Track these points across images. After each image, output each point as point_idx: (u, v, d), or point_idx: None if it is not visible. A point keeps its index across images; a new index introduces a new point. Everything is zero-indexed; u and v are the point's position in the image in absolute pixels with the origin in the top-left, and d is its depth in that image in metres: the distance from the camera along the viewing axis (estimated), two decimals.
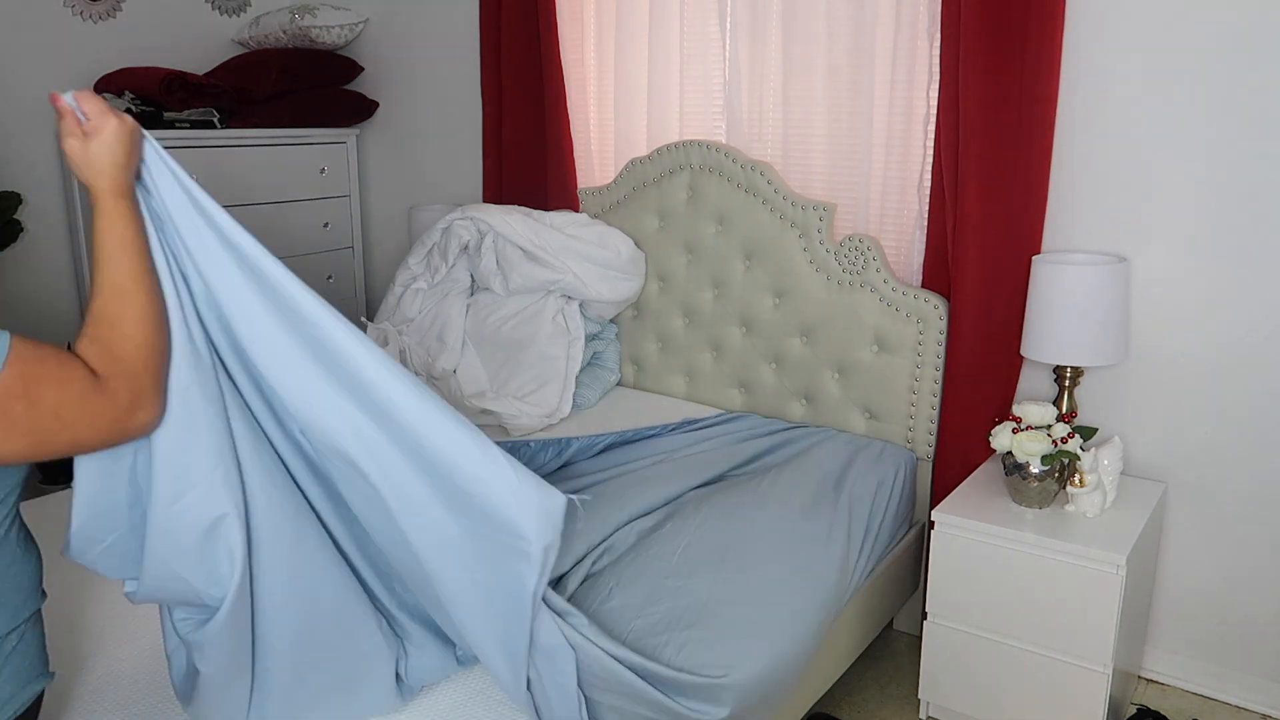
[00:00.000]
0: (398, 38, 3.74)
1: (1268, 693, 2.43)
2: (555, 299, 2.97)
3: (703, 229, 2.93)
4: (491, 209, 3.01)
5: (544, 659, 1.46)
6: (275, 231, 3.53)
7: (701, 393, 3.01)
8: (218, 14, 3.70)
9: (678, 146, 2.95)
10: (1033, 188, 2.40)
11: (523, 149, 3.31)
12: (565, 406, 2.86)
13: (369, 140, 3.92)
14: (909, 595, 2.70)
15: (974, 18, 2.35)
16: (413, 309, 3.03)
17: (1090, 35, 2.35)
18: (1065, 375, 2.40)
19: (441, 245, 3.03)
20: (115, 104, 3.15)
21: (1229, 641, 2.47)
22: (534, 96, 3.23)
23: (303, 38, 3.57)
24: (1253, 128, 2.22)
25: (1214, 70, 2.23)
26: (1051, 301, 2.27)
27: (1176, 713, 2.43)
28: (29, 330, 1.16)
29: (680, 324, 3.04)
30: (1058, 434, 2.24)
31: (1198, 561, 2.47)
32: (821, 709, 2.41)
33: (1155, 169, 2.35)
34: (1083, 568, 2.11)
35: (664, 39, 3.02)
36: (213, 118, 3.33)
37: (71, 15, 3.29)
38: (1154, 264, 2.38)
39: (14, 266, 3.25)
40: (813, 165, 2.84)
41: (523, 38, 3.20)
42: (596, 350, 3.10)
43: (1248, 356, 2.31)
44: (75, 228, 3.34)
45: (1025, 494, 2.27)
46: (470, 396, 2.85)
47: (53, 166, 3.32)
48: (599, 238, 2.98)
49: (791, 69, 2.81)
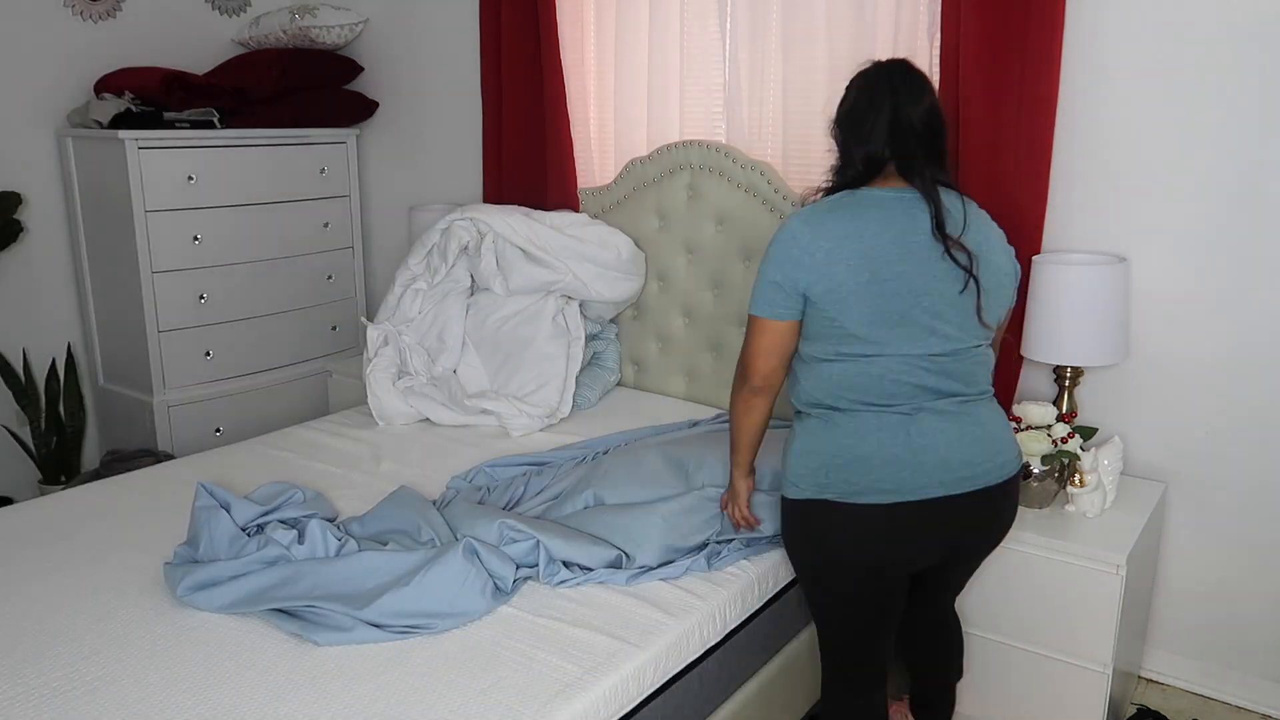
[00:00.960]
0: (398, 38, 3.74)
1: (1268, 693, 2.43)
2: (555, 299, 2.97)
3: (703, 229, 2.93)
4: (491, 209, 3.01)
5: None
6: (275, 231, 3.53)
7: (701, 393, 3.01)
8: (218, 14, 3.70)
9: (678, 146, 2.95)
10: (1033, 188, 2.40)
11: (523, 149, 3.31)
12: (565, 407, 2.86)
13: (369, 140, 3.92)
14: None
15: (974, 18, 2.35)
16: (413, 309, 3.03)
17: (1090, 35, 2.35)
18: (1065, 375, 2.40)
19: (441, 246, 3.02)
20: (115, 104, 3.15)
21: (1229, 641, 2.46)
22: (534, 96, 3.23)
23: (303, 38, 3.57)
24: (1253, 128, 2.22)
25: (1214, 70, 2.23)
26: (1051, 301, 2.27)
27: (1176, 713, 2.43)
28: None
29: (680, 324, 3.04)
30: (1058, 434, 2.24)
31: (1198, 562, 2.47)
32: None
33: (1155, 169, 2.34)
34: (1083, 568, 2.11)
35: (664, 39, 3.01)
36: (213, 118, 3.33)
37: (71, 15, 3.29)
38: (1154, 264, 2.38)
39: (14, 266, 3.25)
40: (813, 165, 2.84)
41: (523, 38, 3.20)
42: (596, 350, 3.10)
43: (1248, 356, 2.31)
44: (75, 228, 3.34)
45: (1025, 494, 2.27)
46: (470, 397, 2.85)
47: (53, 166, 3.32)
48: (599, 238, 2.98)
49: (791, 69, 2.81)
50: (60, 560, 1.97)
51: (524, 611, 1.79)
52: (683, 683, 1.80)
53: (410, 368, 2.95)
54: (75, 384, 3.35)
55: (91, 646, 1.67)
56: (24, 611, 1.78)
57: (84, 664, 1.62)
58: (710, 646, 1.87)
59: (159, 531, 2.10)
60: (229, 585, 1.79)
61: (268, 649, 1.66)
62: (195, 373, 3.37)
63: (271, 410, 3.54)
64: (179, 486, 2.35)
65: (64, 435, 3.32)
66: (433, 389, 2.89)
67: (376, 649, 1.66)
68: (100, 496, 2.31)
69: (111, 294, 3.32)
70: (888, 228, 1.73)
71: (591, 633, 1.73)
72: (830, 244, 1.72)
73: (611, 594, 1.86)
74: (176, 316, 3.29)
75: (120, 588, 1.86)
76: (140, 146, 3.11)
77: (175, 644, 1.68)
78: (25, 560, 1.97)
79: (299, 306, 3.66)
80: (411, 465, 2.51)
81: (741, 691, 2.00)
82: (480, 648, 1.68)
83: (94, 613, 1.78)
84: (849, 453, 1.74)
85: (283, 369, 3.62)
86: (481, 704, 1.52)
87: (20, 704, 1.51)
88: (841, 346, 1.74)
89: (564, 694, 1.55)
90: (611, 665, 1.64)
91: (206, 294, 3.35)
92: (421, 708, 1.51)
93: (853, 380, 1.74)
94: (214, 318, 3.39)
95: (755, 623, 2.01)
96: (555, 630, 1.73)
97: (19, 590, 1.86)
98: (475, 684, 1.57)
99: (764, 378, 1.82)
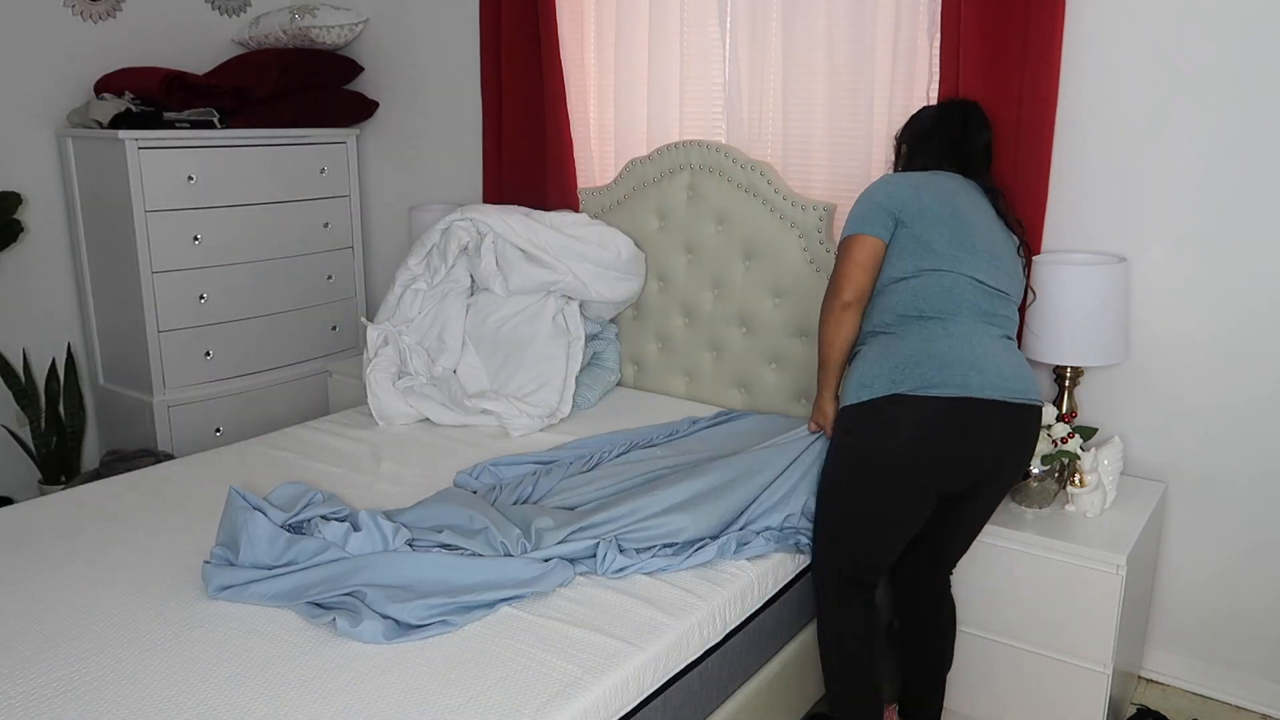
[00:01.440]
0: (398, 38, 3.74)
1: (1267, 693, 2.43)
2: (555, 299, 2.97)
3: (703, 229, 2.93)
4: (491, 209, 3.01)
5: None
6: (275, 231, 3.53)
7: (701, 393, 3.01)
8: (218, 14, 3.70)
9: (678, 146, 2.95)
10: (1033, 188, 2.40)
11: (523, 149, 3.31)
12: (565, 407, 2.86)
13: (369, 140, 3.92)
14: None
15: (974, 18, 2.36)
16: (413, 309, 3.03)
17: (1091, 35, 2.35)
18: (1065, 375, 2.40)
19: (441, 246, 3.02)
20: (115, 104, 3.15)
21: (1229, 642, 2.47)
22: (534, 96, 3.23)
23: (303, 38, 3.57)
24: (1253, 128, 2.22)
25: (1214, 70, 2.23)
26: (1051, 301, 2.27)
27: (1176, 713, 2.43)
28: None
29: (680, 324, 3.04)
30: (1058, 434, 2.24)
31: (1198, 561, 2.47)
32: (822, 709, 2.41)
33: (1155, 169, 2.34)
34: (1083, 568, 2.11)
35: (664, 39, 3.02)
36: (213, 118, 3.33)
37: (71, 15, 3.29)
38: (1154, 264, 2.38)
39: (14, 266, 3.25)
40: (813, 165, 2.84)
41: (523, 38, 3.20)
42: (596, 350, 3.10)
43: (1249, 356, 2.31)
44: (75, 228, 3.34)
45: (1025, 494, 2.27)
46: (470, 397, 2.85)
47: (53, 166, 3.32)
48: (599, 238, 2.98)
49: (791, 69, 2.81)
50: (60, 560, 1.97)
51: (524, 611, 1.79)
52: (683, 683, 1.80)
53: (410, 368, 2.95)
54: (75, 384, 3.35)
55: (91, 646, 1.67)
56: (24, 611, 1.78)
57: (84, 664, 1.62)
58: (710, 646, 1.87)
59: (159, 531, 2.10)
60: (272, 581, 1.81)
61: (269, 648, 1.66)
62: (195, 373, 3.37)
63: (271, 410, 3.54)
64: (179, 486, 2.36)
65: (64, 435, 3.32)
66: (433, 389, 2.89)
67: (377, 650, 1.66)
68: (100, 496, 2.30)
69: (111, 294, 3.32)
70: (962, 187, 2.15)
71: (591, 633, 1.73)
72: (919, 183, 2.13)
73: (611, 594, 1.86)
74: (176, 316, 3.29)
75: (120, 587, 1.86)
76: (140, 146, 3.11)
77: (176, 644, 1.68)
78: (25, 560, 1.97)
79: (299, 306, 3.66)
80: (411, 465, 2.51)
81: (741, 691, 2.00)
82: (480, 647, 1.68)
83: (94, 612, 1.78)
84: (923, 351, 1.97)
85: (283, 369, 3.62)
86: (481, 704, 1.52)
87: (20, 703, 1.51)
88: (922, 263, 2.04)
89: (564, 694, 1.55)
90: (611, 665, 1.64)
91: (206, 294, 3.35)
92: (422, 707, 1.51)
93: (929, 291, 2.02)
94: (214, 318, 3.39)
95: (755, 623, 2.01)
96: (555, 630, 1.73)
97: (19, 590, 1.86)
98: (475, 684, 1.57)
99: (855, 291, 2.08)
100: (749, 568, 2.00)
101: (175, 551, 2.00)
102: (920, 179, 2.14)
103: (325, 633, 1.71)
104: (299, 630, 1.72)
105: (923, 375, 1.93)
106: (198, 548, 2.01)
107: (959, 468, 1.96)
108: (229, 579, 1.83)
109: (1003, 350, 2.00)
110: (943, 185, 2.12)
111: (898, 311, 2.04)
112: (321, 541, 1.91)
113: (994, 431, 1.95)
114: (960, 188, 2.14)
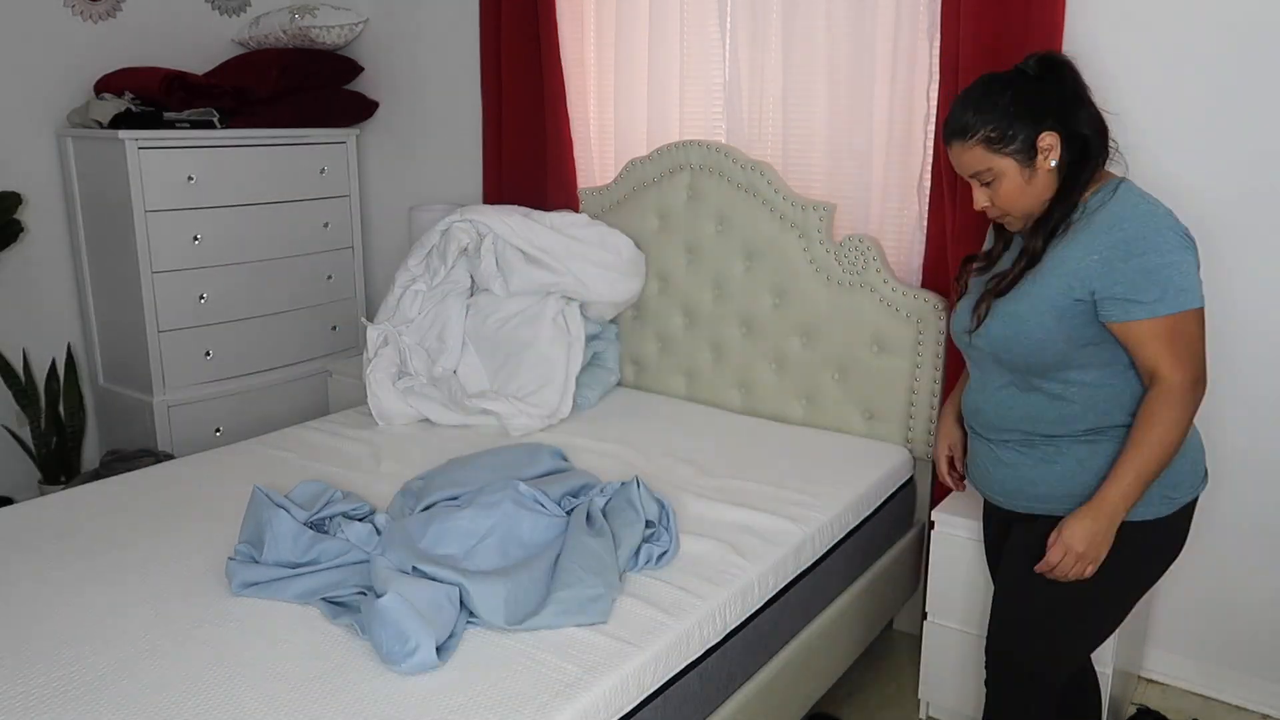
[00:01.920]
0: (398, 38, 3.74)
1: (1268, 693, 2.43)
2: (555, 300, 2.97)
3: (703, 229, 2.93)
4: (490, 210, 3.01)
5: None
6: (275, 231, 3.53)
7: (701, 393, 3.01)
8: (218, 14, 3.70)
9: (678, 146, 2.95)
10: None
11: (523, 149, 3.31)
12: (565, 407, 2.86)
13: (369, 140, 3.92)
14: (909, 596, 2.71)
15: (974, 18, 2.35)
16: (413, 310, 3.03)
17: (1090, 35, 2.35)
18: None
19: (440, 248, 3.02)
20: (115, 104, 3.15)
21: (1229, 641, 2.46)
22: (534, 96, 3.23)
23: (303, 38, 3.57)
24: (1253, 128, 2.22)
25: (1214, 71, 2.23)
26: None
27: (1176, 713, 2.43)
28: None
29: (680, 324, 3.04)
30: None
31: (1198, 562, 2.46)
32: (822, 709, 2.41)
33: (1155, 170, 2.34)
34: None
35: (664, 39, 3.02)
36: (213, 118, 3.33)
37: (71, 15, 3.29)
38: None
39: (14, 266, 3.25)
40: (813, 165, 2.84)
41: (523, 38, 3.20)
42: (597, 350, 3.10)
43: (1249, 357, 2.31)
44: (75, 228, 3.34)
45: None
46: (470, 397, 2.85)
47: (53, 166, 3.32)
48: (599, 238, 2.98)
49: (791, 69, 2.81)
50: (60, 560, 1.97)
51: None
52: (683, 683, 1.80)
53: (410, 368, 2.95)
54: (75, 384, 3.35)
55: (91, 646, 1.67)
56: (24, 611, 1.78)
57: (84, 663, 1.62)
58: (710, 646, 1.87)
59: (159, 532, 2.10)
60: (296, 579, 1.83)
61: (269, 649, 1.66)
62: (195, 373, 3.37)
63: (271, 410, 3.54)
64: (179, 487, 2.36)
65: (64, 435, 3.32)
66: (433, 389, 2.89)
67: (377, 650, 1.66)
68: (100, 496, 2.30)
69: (111, 294, 3.32)
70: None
71: (591, 633, 1.73)
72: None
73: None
74: (176, 316, 3.29)
75: (120, 587, 1.86)
76: (140, 146, 3.11)
77: (176, 643, 1.68)
78: (25, 560, 1.97)
79: (299, 306, 3.66)
80: (411, 465, 2.51)
81: (741, 691, 2.00)
82: (481, 647, 1.68)
83: (93, 612, 1.78)
84: (1197, 437, 1.77)
85: (283, 369, 3.62)
86: (482, 704, 1.52)
87: (20, 703, 1.51)
88: None
89: (564, 694, 1.55)
90: (611, 665, 1.64)
91: (206, 294, 3.35)
92: (422, 707, 1.51)
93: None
94: (214, 318, 3.39)
95: (755, 623, 2.01)
96: (555, 630, 1.73)
97: (19, 590, 1.86)
98: (475, 684, 1.57)
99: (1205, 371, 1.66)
100: (749, 567, 2.00)
101: (175, 551, 2.00)
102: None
103: (325, 633, 1.71)
104: (299, 631, 1.72)
105: (1200, 471, 1.78)
106: (198, 547, 2.02)
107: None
108: (253, 576, 1.84)
109: None
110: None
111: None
112: (345, 543, 1.92)
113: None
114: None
